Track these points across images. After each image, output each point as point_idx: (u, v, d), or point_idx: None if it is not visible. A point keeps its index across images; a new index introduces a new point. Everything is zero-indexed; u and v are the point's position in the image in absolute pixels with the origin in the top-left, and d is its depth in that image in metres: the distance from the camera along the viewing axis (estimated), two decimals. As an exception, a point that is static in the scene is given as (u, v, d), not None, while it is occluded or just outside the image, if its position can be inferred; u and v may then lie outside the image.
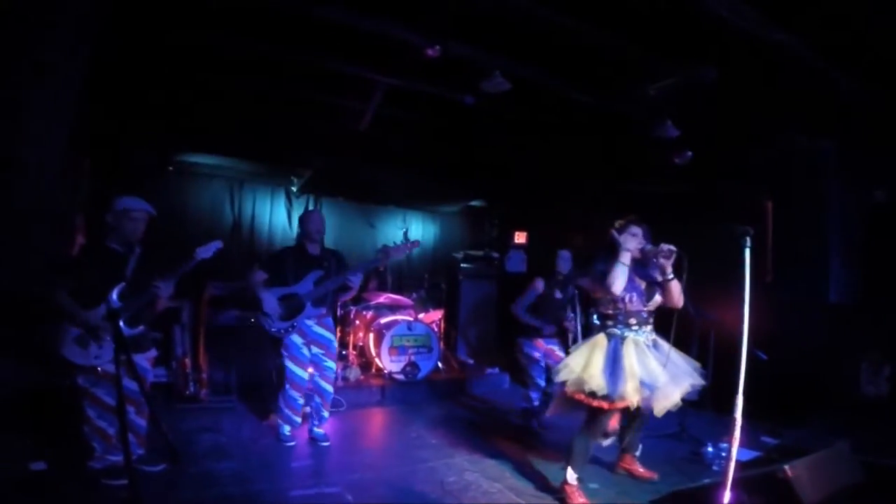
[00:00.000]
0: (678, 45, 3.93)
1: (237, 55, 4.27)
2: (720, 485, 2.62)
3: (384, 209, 8.40)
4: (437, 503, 3.36)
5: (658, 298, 3.42)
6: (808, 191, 4.79)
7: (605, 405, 3.19)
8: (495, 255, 7.96)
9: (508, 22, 3.76)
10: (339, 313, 6.27)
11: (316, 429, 4.30)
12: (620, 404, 3.19)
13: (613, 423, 3.80)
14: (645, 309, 3.40)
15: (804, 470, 2.58)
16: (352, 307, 6.43)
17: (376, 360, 6.13)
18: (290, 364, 4.10)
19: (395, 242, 4.27)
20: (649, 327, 3.42)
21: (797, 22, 3.39)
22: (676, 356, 3.36)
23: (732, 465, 2.50)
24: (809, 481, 2.55)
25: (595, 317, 3.66)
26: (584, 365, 3.28)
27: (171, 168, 6.27)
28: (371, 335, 6.29)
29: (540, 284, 4.95)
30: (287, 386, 4.14)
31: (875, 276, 4.80)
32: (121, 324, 3.22)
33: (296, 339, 4.08)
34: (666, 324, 5.16)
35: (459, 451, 4.22)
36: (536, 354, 4.93)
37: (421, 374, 6.07)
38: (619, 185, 6.51)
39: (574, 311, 5.10)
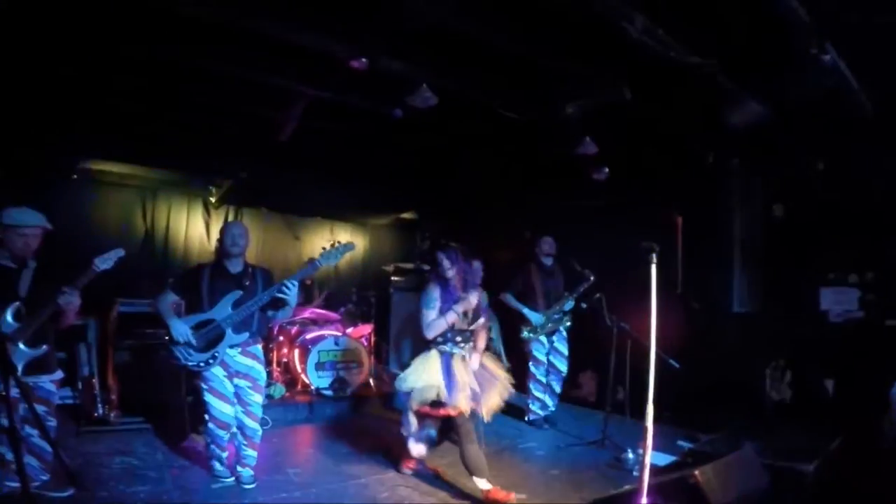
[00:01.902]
0: (597, 65, 4.09)
1: (153, 61, 4.04)
2: (637, 491, 2.72)
3: (310, 220, 8.20)
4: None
5: (482, 320, 3.90)
6: (714, 206, 5.10)
7: (451, 412, 3.55)
8: (426, 267, 7.94)
9: (436, 38, 3.78)
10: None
11: (241, 469, 3.72)
12: (454, 411, 3.54)
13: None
14: (469, 328, 3.80)
15: (712, 474, 2.71)
16: (274, 323, 6.21)
17: (302, 376, 5.95)
18: (210, 399, 3.58)
19: (324, 248, 3.75)
20: (471, 344, 3.83)
21: (707, 45, 3.61)
22: (492, 366, 3.94)
23: (646, 472, 2.59)
24: (717, 484, 2.68)
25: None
26: (424, 378, 3.62)
27: (74, 176, 5.84)
28: (296, 351, 6.09)
29: None
30: (210, 425, 3.63)
31: (775, 287, 5.17)
32: (21, 345, 3.02)
33: (217, 371, 3.56)
34: (587, 334, 5.44)
35: (392, 466, 4.14)
36: None
37: (350, 390, 5.94)
38: (542, 199, 6.71)
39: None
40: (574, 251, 5.45)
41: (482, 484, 3.58)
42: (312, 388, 5.83)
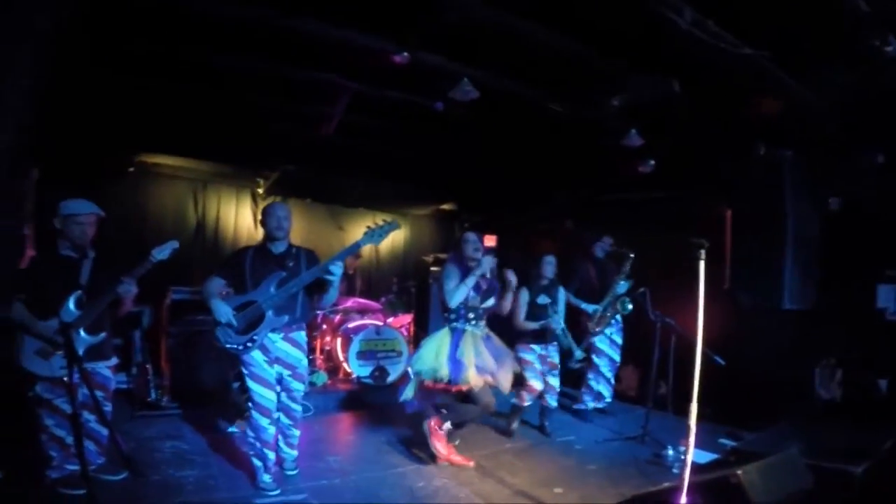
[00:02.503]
0: (643, 57, 4.00)
1: (203, 62, 4.18)
2: (677, 488, 2.70)
3: (353, 211, 8.35)
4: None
5: (491, 301, 4.11)
6: (766, 199, 4.92)
7: (462, 388, 3.82)
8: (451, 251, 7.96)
9: (479, 31, 3.77)
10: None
11: (286, 448, 3.72)
12: (465, 387, 3.81)
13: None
14: (481, 307, 4.05)
15: (755, 474, 2.66)
16: (318, 311, 6.37)
17: (344, 364, 6.09)
18: (252, 384, 3.47)
19: (368, 227, 3.54)
20: (483, 322, 4.09)
21: (757, 35, 3.48)
22: (504, 349, 4.17)
23: (688, 471, 2.57)
24: (760, 485, 2.63)
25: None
26: (434, 356, 3.87)
27: (131, 169, 6.11)
28: (338, 339, 6.23)
29: (525, 294, 4.87)
30: (254, 413, 3.50)
31: (828, 283, 4.98)
32: (81, 332, 3.19)
33: (257, 355, 3.44)
34: (630, 328, 5.40)
35: (431, 456, 4.16)
36: (531, 358, 4.83)
37: (390, 379, 6.05)
38: (586, 192, 6.62)
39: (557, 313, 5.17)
40: (619, 244, 5.42)
41: (441, 426, 4.02)
42: (354, 376, 5.96)
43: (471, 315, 3.99)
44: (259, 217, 3.70)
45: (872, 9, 2.88)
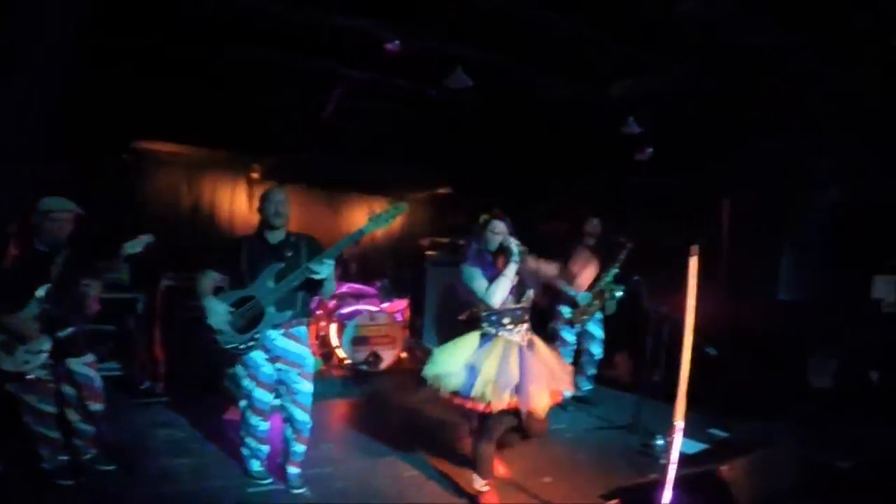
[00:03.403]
0: (646, 42, 3.92)
1: (198, 50, 4.12)
2: (661, 482, 2.70)
3: (350, 196, 8.32)
4: (395, 499, 3.38)
5: (531, 294, 3.31)
6: (764, 189, 4.88)
7: (476, 406, 3.07)
8: (462, 241, 7.92)
9: (478, 13, 3.69)
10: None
11: (289, 466, 3.42)
12: (479, 405, 3.05)
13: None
14: (518, 307, 3.26)
15: (741, 469, 2.67)
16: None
17: (338, 350, 6.09)
18: (248, 384, 3.31)
19: (373, 211, 3.24)
20: (525, 325, 3.28)
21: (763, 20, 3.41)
22: (551, 358, 3.35)
23: (672, 468, 2.56)
24: (745, 481, 2.64)
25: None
26: (449, 359, 3.19)
27: (124, 156, 6.08)
28: (333, 325, 6.24)
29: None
30: (247, 413, 3.38)
31: (826, 274, 4.95)
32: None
33: (257, 355, 3.25)
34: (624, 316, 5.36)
35: (422, 444, 4.19)
36: None
37: (383, 365, 6.06)
38: (585, 177, 6.57)
39: None
40: (616, 230, 5.31)
41: (478, 484, 3.27)
42: (347, 362, 5.97)
43: (506, 320, 3.21)
44: (256, 204, 3.40)
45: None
